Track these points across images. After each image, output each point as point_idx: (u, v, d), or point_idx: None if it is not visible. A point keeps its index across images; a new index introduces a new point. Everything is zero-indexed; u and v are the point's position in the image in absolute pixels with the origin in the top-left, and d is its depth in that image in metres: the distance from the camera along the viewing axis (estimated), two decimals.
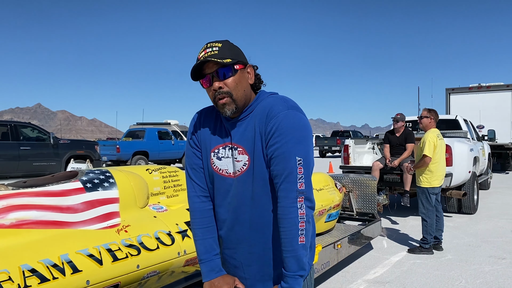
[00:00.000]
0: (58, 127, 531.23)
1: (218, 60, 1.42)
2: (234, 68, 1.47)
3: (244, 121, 1.52)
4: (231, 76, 1.46)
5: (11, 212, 2.04)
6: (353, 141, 8.38)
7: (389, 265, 4.73)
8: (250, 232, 1.52)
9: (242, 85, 1.49)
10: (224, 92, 1.46)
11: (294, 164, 1.40)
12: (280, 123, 1.42)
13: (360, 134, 32.05)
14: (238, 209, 1.52)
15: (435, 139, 5.15)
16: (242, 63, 1.50)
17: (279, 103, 1.47)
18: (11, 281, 1.74)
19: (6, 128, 10.98)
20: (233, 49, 1.49)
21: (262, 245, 1.52)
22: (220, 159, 1.54)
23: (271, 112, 1.45)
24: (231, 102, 1.47)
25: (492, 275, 4.34)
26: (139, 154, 16.22)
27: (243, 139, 1.50)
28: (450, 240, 5.80)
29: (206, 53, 1.46)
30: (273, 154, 1.42)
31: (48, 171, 11.48)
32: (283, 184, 1.41)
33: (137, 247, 2.29)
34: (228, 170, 1.52)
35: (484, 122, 14.84)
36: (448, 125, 9.40)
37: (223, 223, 1.58)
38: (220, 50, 1.45)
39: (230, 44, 1.51)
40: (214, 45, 1.47)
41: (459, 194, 7.11)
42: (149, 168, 2.94)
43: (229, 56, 1.45)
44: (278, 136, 1.41)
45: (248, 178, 1.48)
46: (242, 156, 1.49)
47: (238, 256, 1.57)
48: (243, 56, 1.53)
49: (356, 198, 5.25)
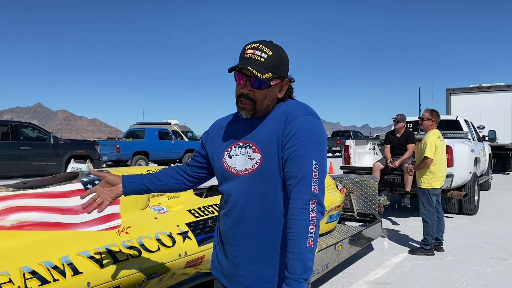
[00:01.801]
0: (58, 126, 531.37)
1: (258, 75, 1.42)
2: (270, 83, 1.49)
3: (261, 121, 1.54)
4: (263, 89, 1.48)
5: (12, 213, 2.03)
6: (354, 141, 8.36)
7: (390, 266, 4.72)
8: (255, 230, 1.52)
9: (269, 99, 1.52)
10: (249, 98, 1.49)
11: (311, 167, 1.42)
12: (299, 126, 1.44)
13: (361, 134, 32.04)
14: (245, 206, 1.52)
15: (436, 140, 5.14)
16: (280, 78, 1.51)
17: (299, 108, 1.50)
18: (11, 283, 1.74)
19: (6, 128, 10.98)
20: (280, 61, 1.49)
21: (265, 244, 1.51)
22: (231, 157, 1.56)
23: (290, 116, 1.47)
24: (251, 109, 1.51)
25: (494, 276, 4.33)
26: (139, 154, 16.22)
27: (258, 138, 1.52)
28: (451, 241, 5.79)
29: (253, 53, 1.46)
30: (290, 156, 1.43)
31: (48, 171, 11.47)
32: (298, 186, 1.41)
33: (138, 249, 2.29)
34: (236, 168, 1.53)
35: (485, 123, 14.84)
36: (448, 125, 9.39)
37: (227, 219, 1.58)
38: (268, 59, 1.46)
39: (281, 53, 1.50)
40: (264, 50, 1.47)
41: (459, 195, 7.10)
42: (150, 169, 2.93)
43: (272, 69, 1.46)
44: (297, 139, 1.43)
45: (258, 176, 1.49)
46: (255, 154, 1.50)
47: (240, 254, 1.56)
48: (285, 69, 1.53)
49: (357, 199, 5.24)
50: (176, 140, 18.08)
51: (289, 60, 1.56)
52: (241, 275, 1.57)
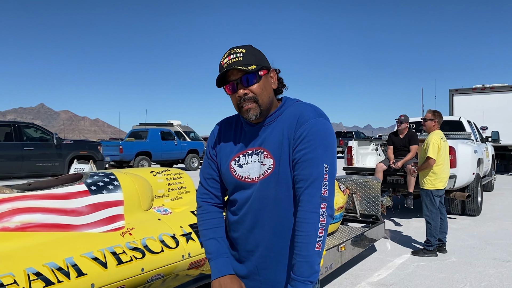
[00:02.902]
0: (61, 127, 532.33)
1: (243, 68, 1.43)
2: (259, 74, 1.49)
3: (270, 126, 1.53)
4: (256, 83, 1.48)
5: (16, 215, 2.04)
6: (357, 142, 8.36)
7: (393, 267, 4.72)
8: (269, 236, 1.51)
9: (267, 91, 1.52)
10: (249, 98, 1.48)
11: (322, 171, 1.41)
12: (311, 129, 1.44)
13: (363, 134, 31.99)
14: (259, 212, 1.51)
15: (439, 141, 5.13)
16: (266, 68, 1.52)
17: (309, 110, 1.50)
18: (16, 284, 1.74)
19: (9, 129, 11.01)
20: (257, 55, 1.50)
21: (280, 249, 1.52)
22: (241, 166, 1.54)
23: (301, 118, 1.47)
24: (257, 107, 1.49)
25: (497, 278, 4.32)
26: (142, 154, 16.26)
27: (269, 143, 1.51)
28: (454, 242, 5.78)
29: (230, 59, 1.47)
30: (301, 159, 1.43)
31: (51, 171, 11.50)
32: (308, 189, 1.41)
33: (141, 250, 2.29)
34: (250, 176, 1.52)
35: (488, 123, 14.80)
36: (451, 126, 9.37)
37: (241, 225, 1.57)
38: (245, 56, 1.46)
39: (254, 49, 1.52)
40: (238, 51, 1.48)
41: (463, 196, 7.09)
42: (154, 171, 2.93)
43: (253, 62, 1.47)
44: (308, 141, 1.43)
45: (272, 181, 1.48)
46: (267, 160, 1.50)
47: (255, 259, 1.56)
48: (266, 60, 1.54)
49: (359, 200, 5.24)
50: (178, 140, 18.11)
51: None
52: (257, 280, 1.58)
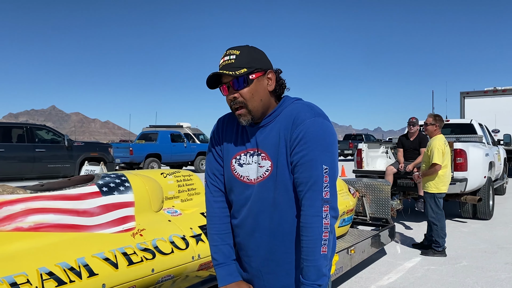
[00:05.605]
0: (72, 129, 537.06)
1: (230, 73, 1.41)
2: (249, 78, 1.44)
3: (267, 127, 1.49)
4: (245, 87, 1.44)
5: (30, 215, 2.07)
6: (367, 145, 8.32)
7: (402, 271, 4.69)
8: (270, 239, 1.49)
9: (259, 95, 1.46)
10: (238, 102, 1.45)
11: (321, 173, 1.38)
12: (307, 130, 1.39)
13: (373, 137, 31.83)
14: (258, 215, 1.49)
15: (443, 146, 5.19)
16: (260, 71, 1.47)
17: (306, 110, 1.44)
18: (29, 283, 1.77)
19: (22, 131, 11.16)
20: (252, 56, 1.46)
21: (282, 253, 1.50)
22: (241, 165, 1.52)
23: (297, 119, 1.42)
24: (247, 113, 1.46)
25: (509, 282, 4.27)
26: (152, 156, 16.35)
27: (267, 145, 1.47)
28: (465, 246, 5.72)
29: (224, 61, 1.45)
30: (299, 162, 1.40)
31: (62, 173, 11.61)
32: (309, 193, 1.38)
33: (152, 251, 2.31)
34: (249, 177, 1.50)
35: (500, 126, 14.62)
36: (463, 129, 9.29)
37: (241, 230, 1.56)
38: (237, 58, 1.43)
39: (250, 50, 1.47)
40: (232, 53, 1.45)
41: (474, 200, 7.02)
42: (164, 172, 2.96)
43: (245, 65, 1.43)
44: (305, 143, 1.39)
45: (270, 184, 1.46)
46: (265, 162, 1.47)
47: (256, 264, 1.55)
48: (263, 62, 1.49)
49: (369, 203, 5.21)
50: (188, 143, 18.19)
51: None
52: (262, 285, 1.57)
